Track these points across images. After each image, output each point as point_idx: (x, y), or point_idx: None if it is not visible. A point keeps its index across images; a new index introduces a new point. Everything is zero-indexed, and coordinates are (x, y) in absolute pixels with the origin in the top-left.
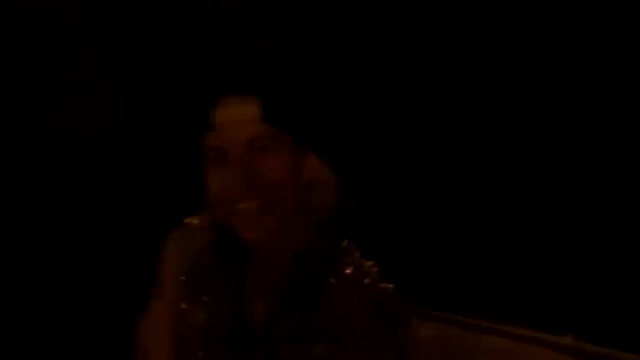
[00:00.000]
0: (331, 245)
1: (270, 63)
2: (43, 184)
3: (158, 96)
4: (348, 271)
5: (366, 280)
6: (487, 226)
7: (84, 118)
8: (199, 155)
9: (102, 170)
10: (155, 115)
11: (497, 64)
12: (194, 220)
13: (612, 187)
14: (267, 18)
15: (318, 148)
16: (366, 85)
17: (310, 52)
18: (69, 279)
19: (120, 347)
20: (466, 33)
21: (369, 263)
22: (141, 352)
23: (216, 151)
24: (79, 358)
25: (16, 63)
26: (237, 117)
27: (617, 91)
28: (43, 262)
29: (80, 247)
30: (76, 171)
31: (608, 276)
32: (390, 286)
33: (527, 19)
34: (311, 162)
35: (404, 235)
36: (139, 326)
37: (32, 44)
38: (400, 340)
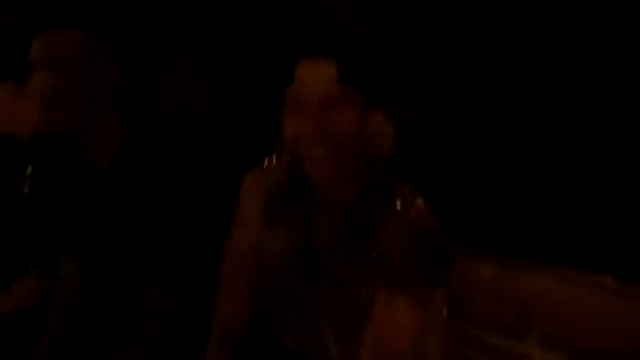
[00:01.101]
0: (384, 184)
1: (348, 31)
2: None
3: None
4: (397, 206)
5: (413, 214)
6: (536, 170)
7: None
8: (281, 104)
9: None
10: (245, 71)
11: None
12: (272, 161)
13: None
14: None
15: (383, 104)
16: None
17: (381, 21)
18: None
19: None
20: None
21: (418, 199)
22: (225, 274)
23: (296, 101)
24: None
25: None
26: (316, 74)
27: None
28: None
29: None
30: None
31: None
32: (435, 221)
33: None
34: (376, 116)
35: (461, 177)
36: (224, 250)
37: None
38: (443, 270)
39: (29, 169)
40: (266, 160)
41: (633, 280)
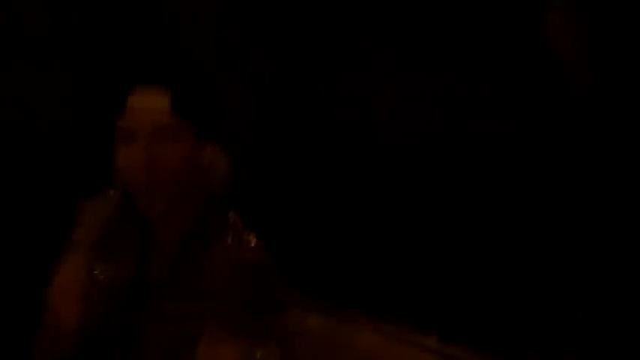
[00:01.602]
0: (217, 218)
1: (184, 60)
2: None
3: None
4: (229, 241)
5: (244, 251)
6: (371, 217)
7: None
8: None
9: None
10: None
11: None
12: (106, 191)
13: None
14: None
15: (216, 137)
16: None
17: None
18: None
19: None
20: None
21: (250, 235)
22: (51, 308)
23: (126, 131)
24: None
25: None
26: (148, 104)
27: None
28: None
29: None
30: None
31: (474, 278)
32: (267, 257)
33: None
34: (208, 149)
35: (293, 219)
36: (50, 284)
37: None
38: (273, 312)
39: None
40: (101, 191)
41: (455, 340)
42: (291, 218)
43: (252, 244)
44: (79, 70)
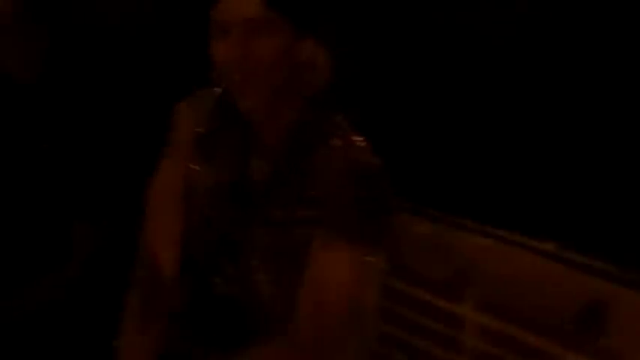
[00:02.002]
0: (322, 119)
1: None
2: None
3: None
4: (337, 143)
5: (353, 153)
6: (482, 128)
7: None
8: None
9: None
10: None
11: None
12: (203, 91)
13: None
14: None
15: (315, 31)
16: None
17: None
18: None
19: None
20: None
21: (359, 138)
22: (151, 208)
23: (220, 25)
24: None
25: None
26: None
27: None
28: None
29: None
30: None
31: (593, 188)
32: (376, 161)
33: None
34: (307, 44)
35: (402, 120)
36: (150, 184)
37: None
38: (384, 216)
39: None
40: (199, 90)
41: (574, 246)
42: (395, 117)
43: (361, 146)
44: None
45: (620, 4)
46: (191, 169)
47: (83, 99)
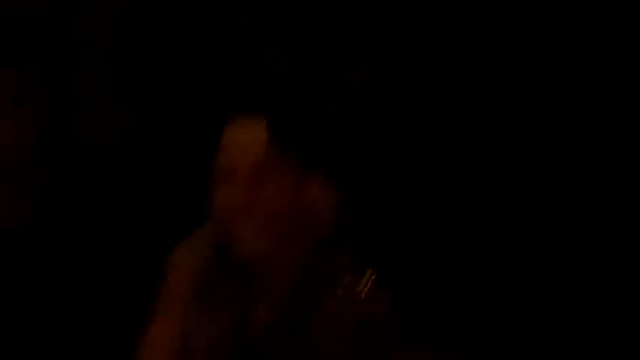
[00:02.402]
0: (327, 262)
1: (281, 86)
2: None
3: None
4: (341, 290)
5: (359, 301)
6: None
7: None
8: (208, 171)
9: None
10: (169, 130)
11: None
12: (198, 236)
13: None
14: (279, 43)
15: (322, 169)
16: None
17: (320, 77)
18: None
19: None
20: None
21: (364, 281)
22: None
23: (224, 169)
24: None
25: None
26: (246, 138)
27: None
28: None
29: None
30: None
31: None
32: (384, 311)
33: None
34: (313, 185)
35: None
36: (140, 345)
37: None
38: None
39: None
40: (196, 232)
41: None
42: (406, 250)
43: (369, 295)
44: (169, 103)
45: None
46: (187, 326)
47: (73, 245)
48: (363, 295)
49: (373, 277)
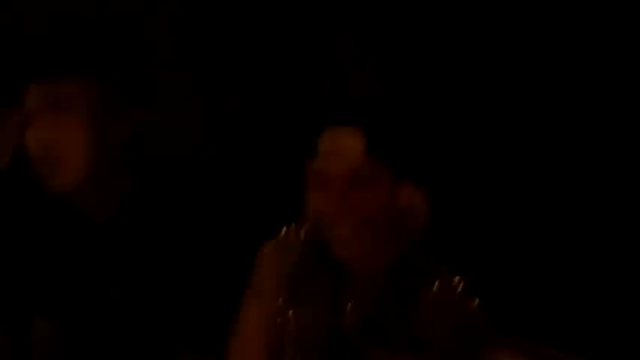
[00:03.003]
0: (420, 262)
1: (375, 99)
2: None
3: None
4: (435, 286)
5: (452, 297)
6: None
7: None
8: (302, 174)
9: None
10: (263, 131)
11: None
12: (292, 231)
13: None
14: (373, 56)
15: (413, 176)
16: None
17: (411, 89)
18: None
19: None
20: None
21: (456, 279)
22: (236, 353)
23: (321, 176)
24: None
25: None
26: (343, 147)
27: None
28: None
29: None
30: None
31: None
32: (475, 304)
33: None
34: (406, 189)
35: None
36: (234, 327)
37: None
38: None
39: None
40: (286, 230)
41: None
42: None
43: (461, 291)
44: (266, 110)
45: None
46: (280, 314)
47: (158, 241)
48: (456, 297)
49: (462, 282)
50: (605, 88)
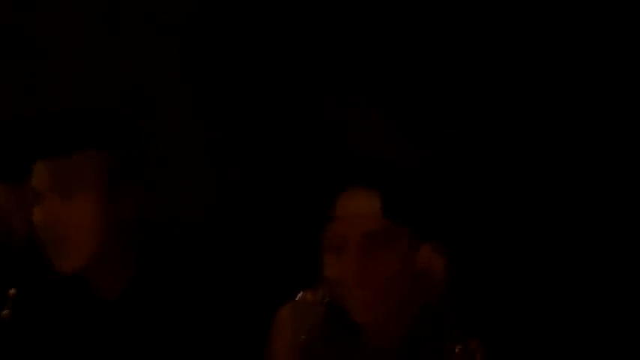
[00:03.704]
0: (437, 329)
1: (390, 159)
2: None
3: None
4: (456, 350)
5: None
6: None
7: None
8: (316, 239)
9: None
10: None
11: None
12: (308, 294)
13: None
14: (386, 116)
15: (431, 236)
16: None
17: (427, 146)
18: None
19: None
20: None
21: (475, 344)
22: None
23: (337, 240)
24: None
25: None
26: (359, 210)
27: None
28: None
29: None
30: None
31: None
32: None
33: None
34: (425, 251)
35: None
36: None
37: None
38: None
39: (13, 290)
40: (302, 293)
41: None
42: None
43: (481, 355)
44: (280, 173)
45: None
46: None
47: (172, 312)
48: (478, 355)
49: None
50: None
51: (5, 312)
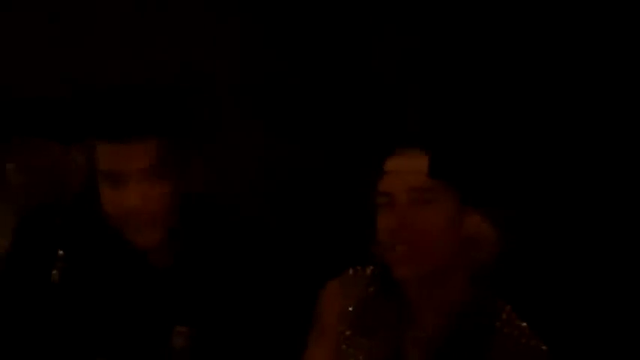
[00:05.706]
0: (488, 302)
1: (442, 127)
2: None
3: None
4: (505, 329)
5: (523, 340)
6: None
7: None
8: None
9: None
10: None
11: None
12: (354, 270)
13: None
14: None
15: (484, 206)
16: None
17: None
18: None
19: None
20: None
21: (523, 324)
22: None
23: (384, 196)
24: None
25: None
26: (406, 167)
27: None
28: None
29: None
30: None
31: None
32: (544, 348)
33: None
34: (473, 218)
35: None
36: None
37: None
38: None
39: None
40: (351, 270)
41: None
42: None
43: (530, 334)
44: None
45: None
46: (341, 351)
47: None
48: (527, 333)
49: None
50: None
51: (54, 273)
